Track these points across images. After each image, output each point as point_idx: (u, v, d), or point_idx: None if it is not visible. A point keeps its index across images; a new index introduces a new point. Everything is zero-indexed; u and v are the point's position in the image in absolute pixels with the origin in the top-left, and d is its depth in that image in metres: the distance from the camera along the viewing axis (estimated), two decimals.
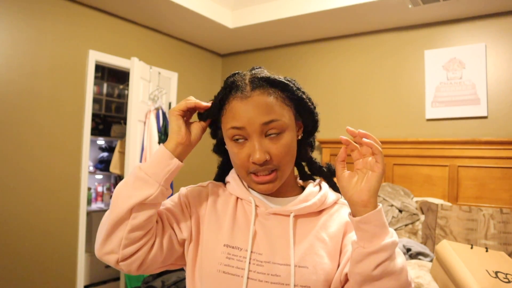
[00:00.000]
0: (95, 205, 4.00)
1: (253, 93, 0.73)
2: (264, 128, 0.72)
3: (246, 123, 0.71)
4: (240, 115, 0.72)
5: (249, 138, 0.73)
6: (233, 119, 0.73)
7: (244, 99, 0.73)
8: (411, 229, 2.55)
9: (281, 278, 0.71)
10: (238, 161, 0.74)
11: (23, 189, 2.62)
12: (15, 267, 2.56)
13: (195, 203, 0.82)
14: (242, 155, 0.73)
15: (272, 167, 0.73)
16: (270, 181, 0.74)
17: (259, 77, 0.75)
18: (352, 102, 3.46)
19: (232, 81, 0.76)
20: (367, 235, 0.64)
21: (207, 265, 0.74)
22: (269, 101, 0.72)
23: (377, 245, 0.63)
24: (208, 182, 0.88)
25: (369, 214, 0.64)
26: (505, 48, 2.82)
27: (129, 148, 2.86)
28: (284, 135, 0.73)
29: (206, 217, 0.80)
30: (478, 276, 1.59)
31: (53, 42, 2.78)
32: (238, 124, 0.72)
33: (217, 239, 0.76)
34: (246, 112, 0.72)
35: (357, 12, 2.99)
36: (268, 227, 0.77)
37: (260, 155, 0.71)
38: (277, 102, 0.73)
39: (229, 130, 0.74)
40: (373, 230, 0.64)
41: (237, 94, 0.74)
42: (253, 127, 0.71)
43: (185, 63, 3.92)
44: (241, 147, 0.74)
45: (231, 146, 0.75)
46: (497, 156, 2.72)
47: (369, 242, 0.64)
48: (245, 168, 0.74)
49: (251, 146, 0.72)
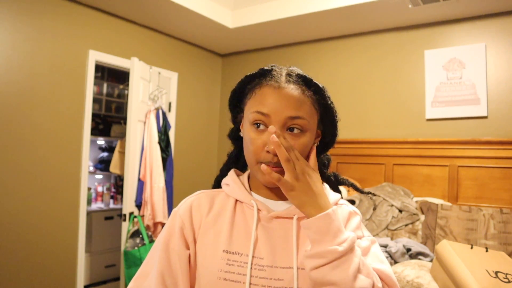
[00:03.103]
0: (95, 205, 4.00)
1: (287, 85, 0.73)
2: (288, 122, 0.71)
3: (273, 111, 0.71)
4: (268, 102, 0.71)
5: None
6: (260, 103, 0.72)
7: (277, 88, 0.72)
8: (411, 229, 2.55)
9: (284, 282, 0.69)
10: (252, 146, 0.73)
11: (23, 189, 2.62)
12: (15, 267, 2.56)
13: (189, 219, 0.78)
14: (259, 141, 0.72)
15: None
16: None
17: (296, 73, 0.75)
18: (352, 102, 3.46)
19: (269, 69, 0.76)
20: (310, 239, 0.67)
21: (206, 273, 0.72)
22: (301, 98, 0.73)
23: (312, 251, 0.65)
24: (200, 192, 0.84)
25: (308, 220, 0.66)
26: (505, 48, 2.82)
27: (129, 148, 2.86)
28: (305, 134, 0.73)
29: (202, 226, 0.77)
30: (478, 276, 1.59)
31: (53, 42, 2.78)
32: (265, 110, 0.71)
33: (216, 245, 0.74)
34: (276, 101, 0.71)
35: (357, 12, 2.99)
36: (270, 231, 0.75)
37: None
38: (307, 102, 0.73)
39: (253, 114, 0.73)
40: (312, 236, 0.66)
41: (271, 82, 0.74)
42: (278, 118, 0.71)
43: (185, 63, 3.92)
44: (259, 133, 0.72)
45: (249, 130, 0.74)
46: (497, 156, 2.72)
47: (311, 245, 0.66)
48: (256, 156, 0.73)
49: (270, 135, 0.69)
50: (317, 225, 0.65)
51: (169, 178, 3.15)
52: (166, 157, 3.13)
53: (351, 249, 0.65)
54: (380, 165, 3.20)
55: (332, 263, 0.63)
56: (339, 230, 0.66)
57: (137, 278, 0.78)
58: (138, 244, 2.77)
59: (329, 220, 0.65)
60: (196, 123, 4.06)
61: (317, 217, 0.66)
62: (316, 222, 0.65)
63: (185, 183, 3.78)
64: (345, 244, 0.64)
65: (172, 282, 0.74)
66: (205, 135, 4.18)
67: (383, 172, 3.18)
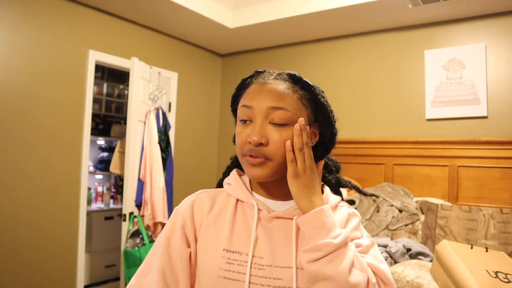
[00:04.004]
0: (95, 205, 4.00)
1: (273, 81, 0.76)
2: (270, 113, 0.72)
3: (255, 103, 0.73)
4: (252, 95, 0.75)
5: (254, 120, 0.73)
6: (245, 98, 0.76)
7: (262, 83, 0.76)
8: (411, 229, 2.55)
9: (283, 281, 0.70)
10: (238, 140, 0.75)
11: (23, 189, 2.62)
12: (15, 267, 2.56)
13: (190, 217, 0.79)
14: (243, 134, 0.74)
15: (265, 153, 0.71)
16: (258, 165, 0.72)
17: (287, 72, 0.78)
18: (352, 102, 3.46)
19: (262, 71, 0.80)
20: (306, 235, 0.69)
21: (206, 271, 0.73)
22: (284, 90, 0.74)
23: (308, 245, 0.67)
24: (201, 191, 0.85)
25: (303, 216, 0.69)
26: (505, 48, 2.82)
27: (129, 148, 2.86)
28: (290, 128, 0.72)
29: (203, 224, 0.78)
30: (478, 276, 1.59)
31: (53, 42, 2.78)
32: (248, 102, 0.74)
33: (216, 243, 0.75)
34: (259, 93, 0.74)
35: (357, 12, 2.99)
36: (269, 231, 0.76)
37: (257, 136, 0.71)
38: (292, 95, 0.74)
39: (240, 109, 0.76)
40: (308, 232, 0.68)
41: (258, 80, 0.77)
42: (260, 108, 0.72)
43: (185, 63, 3.92)
44: (245, 127, 0.75)
45: (237, 127, 0.77)
46: (497, 156, 2.72)
47: (307, 241, 0.69)
48: (241, 149, 0.75)
49: (253, 127, 0.73)
50: (311, 220, 0.68)
51: (169, 178, 3.15)
52: (166, 157, 3.13)
53: (345, 243, 0.67)
54: (380, 165, 3.20)
55: (328, 256, 0.65)
56: (333, 225, 0.68)
57: (138, 276, 0.79)
58: (138, 244, 2.77)
59: (323, 216, 0.68)
60: (196, 123, 4.06)
61: (311, 212, 0.69)
62: (310, 217, 0.68)
63: (185, 183, 3.78)
64: (340, 237, 0.67)
65: (173, 279, 0.75)
66: (205, 135, 4.18)
67: (383, 172, 3.18)
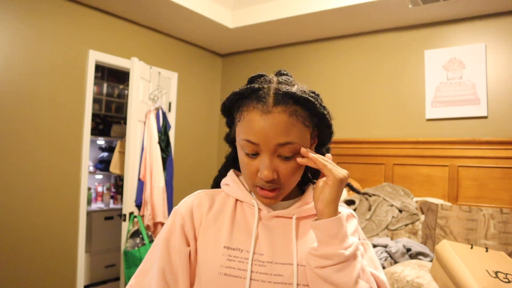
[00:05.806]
0: (95, 205, 4.00)
1: (275, 109, 0.70)
2: (278, 148, 0.71)
3: (262, 140, 0.70)
4: (257, 131, 0.71)
5: (261, 153, 0.72)
6: (249, 131, 0.72)
7: (264, 114, 0.70)
8: (411, 229, 2.55)
9: (284, 277, 0.71)
10: (247, 171, 0.75)
11: (23, 189, 2.62)
12: (15, 267, 2.56)
13: (189, 216, 0.80)
14: (252, 167, 0.74)
15: (276, 185, 0.74)
16: (273, 197, 0.75)
17: (283, 91, 0.72)
18: (352, 102, 3.46)
19: (257, 88, 0.73)
20: (318, 240, 0.69)
21: (207, 268, 0.74)
22: (289, 121, 0.71)
23: (319, 251, 0.68)
24: (200, 191, 0.86)
25: (319, 222, 0.69)
26: (505, 48, 2.82)
27: (129, 148, 2.86)
28: (296, 157, 0.73)
29: (203, 223, 0.79)
30: (478, 276, 1.59)
31: (53, 42, 2.78)
32: (254, 139, 0.71)
33: (216, 241, 0.76)
34: (264, 129, 0.70)
35: (357, 12, 2.99)
36: (270, 229, 0.77)
37: (269, 173, 0.71)
38: (297, 123, 0.72)
39: (243, 142, 0.73)
40: (321, 238, 0.69)
41: (258, 106, 0.71)
42: (268, 146, 0.71)
43: (185, 63, 3.92)
44: (252, 159, 0.74)
45: (242, 155, 0.75)
46: (497, 156, 2.72)
47: (318, 246, 0.69)
48: (252, 180, 0.75)
49: (262, 162, 0.72)
50: (328, 228, 0.68)
51: (169, 178, 3.15)
52: (166, 157, 3.13)
53: (354, 255, 0.68)
54: (380, 165, 3.20)
55: (337, 266, 0.66)
56: (346, 235, 0.69)
57: (137, 275, 0.79)
58: (138, 244, 2.77)
59: (339, 225, 0.69)
60: (196, 123, 4.06)
61: (327, 220, 0.69)
62: (327, 225, 0.68)
63: (185, 183, 3.78)
64: (351, 249, 0.68)
65: (173, 278, 0.76)
66: (205, 135, 4.18)
67: (383, 172, 3.18)
